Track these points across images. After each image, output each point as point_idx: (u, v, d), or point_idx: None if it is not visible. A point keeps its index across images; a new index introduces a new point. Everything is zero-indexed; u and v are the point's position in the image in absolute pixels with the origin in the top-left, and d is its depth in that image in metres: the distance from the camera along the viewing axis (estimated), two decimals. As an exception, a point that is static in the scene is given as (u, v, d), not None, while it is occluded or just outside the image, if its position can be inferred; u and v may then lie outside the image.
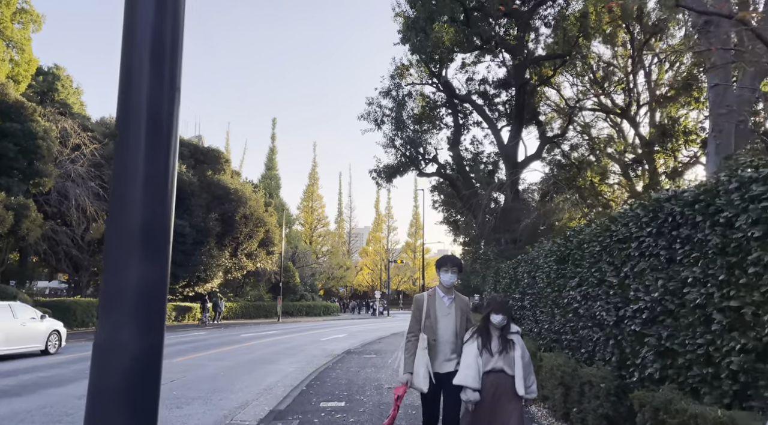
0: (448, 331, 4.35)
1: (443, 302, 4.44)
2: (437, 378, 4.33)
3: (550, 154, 23.01)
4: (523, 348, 4.20)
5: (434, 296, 4.49)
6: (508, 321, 4.20)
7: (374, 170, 19.51)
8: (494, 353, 4.12)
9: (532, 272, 8.15)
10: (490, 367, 4.09)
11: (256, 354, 15.82)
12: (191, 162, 34.71)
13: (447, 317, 4.39)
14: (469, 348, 4.22)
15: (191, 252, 32.02)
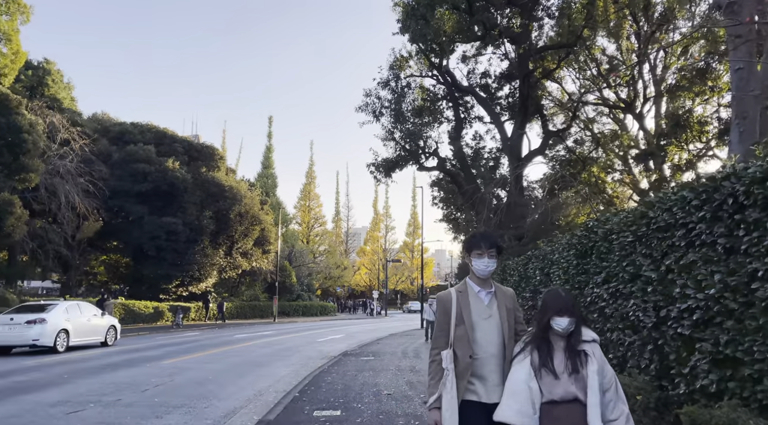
0: (493, 341, 2.94)
1: (480, 299, 3.04)
2: (485, 411, 2.84)
3: (554, 150, 22.36)
4: (602, 362, 2.73)
5: (465, 293, 3.06)
6: (577, 324, 2.76)
7: (372, 163, 18.78)
8: (560, 373, 2.70)
9: (545, 268, 7.47)
10: (557, 395, 2.66)
11: (249, 356, 15.11)
12: (185, 159, 33.95)
13: (488, 321, 2.98)
14: (518, 367, 2.80)
15: (184, 251, 31.29)
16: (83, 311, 16.85)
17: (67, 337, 15.61)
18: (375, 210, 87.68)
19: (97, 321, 17.20)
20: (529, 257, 8.47)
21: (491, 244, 3.02)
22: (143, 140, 32.15)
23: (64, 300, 19.63)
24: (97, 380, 10.41)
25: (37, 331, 14.78)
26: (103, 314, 17.88)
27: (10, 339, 14.73)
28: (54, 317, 15.45)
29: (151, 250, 30.44)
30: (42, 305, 16.60)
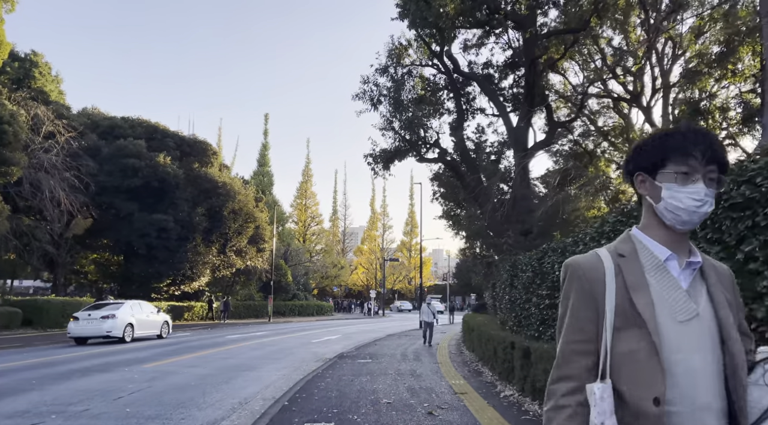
0: (706, 372, 1.27)
1: (670, 277, 1.35)
2: None
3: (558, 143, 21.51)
4: None
5: (635, 261, 1.37)
6: None
7: (370, 154, 17.85)
8: None
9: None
10: None
11: (239, 359, 14.21)
12: (177, 154, 32.99)
13: (692, 327, 1.30)
14: None
15: (176, 249, 30.34)
16: (143, 309, 20.49)
17: (132, 330, 18.98)
18: (372, 209, 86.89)
19: (154, 317, 20.81)
20: (545, 251, 7.58)
21: (713, 155, 1.35)
22: (134, 134, 31.19)
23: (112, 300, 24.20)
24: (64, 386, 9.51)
25: (109, 325, 18.09)
26: (159, 311, 21.21)
27: (88, 331, 17.99)
28: (122, 313, 18.82)
29: (142, 248, 29.49)
30: (113, 303, 20.16)
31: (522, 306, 8.58)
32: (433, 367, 12.11)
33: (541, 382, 6.85)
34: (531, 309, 8.00)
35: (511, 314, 9.46)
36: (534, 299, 7.79)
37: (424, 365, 12.59)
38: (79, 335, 18.00)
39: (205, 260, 32.93)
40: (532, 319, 8.01)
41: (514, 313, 9.14)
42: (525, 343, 7.65)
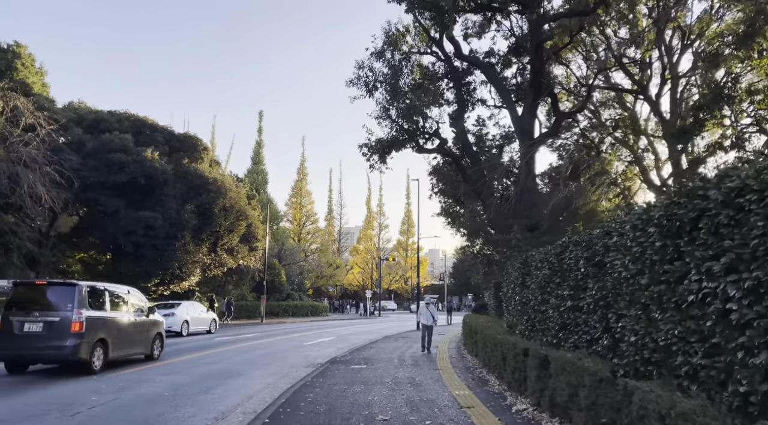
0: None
1: None
2: None
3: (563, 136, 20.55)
4: None
5: None
6: None
7: (365, 144, 16.70)
8: None
9: (595, 257, 5.59)
10: None
11: (224, 364, 13.16)
12: (166, 149, 31.80)
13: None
14: None
15: (164, 247, 29.19)
16: (196, 308, 24.50)
17: (188, 326, 22.09)
18: (368, 208, 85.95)
19: (205, 315, 24.33)
20: (565, 245, 6.58)
21: None
22: (120, 128, 30.01)
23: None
24: (21, 399, 8.43)
25: (170, 321, 20.70)
26: (207, 310, 24.33)
27: None
28: (180, 311, 22.70)
29: (128, 246, 28.33)
30: (172, 303, 24.10)
31: (536, 308, 7.57)
32: (434, 374, 11.11)
33: (563, 397, 5.85)
34: (548, 312, 6.99)
35: (522, 317, 8.45)
36: (552, 300, 6.79)
37: (424, 371, 11.59)
38: None
39: (195, 259, 31.79)
40: (549, 323, 7.01)
41: (526, 316, 8.13)
42: (541, 351, 6.65)
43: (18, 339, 10.60)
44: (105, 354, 11.43)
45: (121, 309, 12.48)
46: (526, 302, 8.16)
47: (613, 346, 5.12)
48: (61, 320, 10.67)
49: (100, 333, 11.23)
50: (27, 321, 10.75)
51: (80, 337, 10.66)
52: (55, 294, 11.29)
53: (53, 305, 11.04)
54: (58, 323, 10.65)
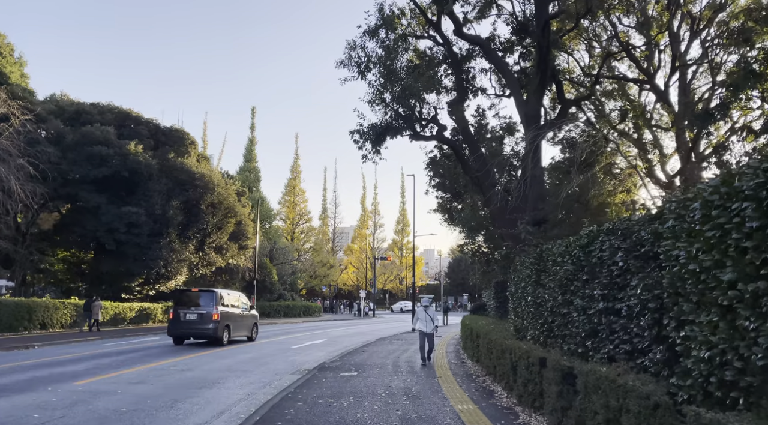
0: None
1: None
2: None
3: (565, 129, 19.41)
4: None
5: None
6: None
7: (356, 130, 15.39)
8: None
9: (638, 247, 4.43)
10: None
11: (200, 371, 11.95)
12: (150, 143, 30.56)
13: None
14: None
15: (148, 245, 27.93)
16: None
17: None
18: (363, 207, 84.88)
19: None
20: (593, 235, 5.42)
21: None
22: (103, 121, 28.75)
23: None
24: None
25: None
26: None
27: None
28: None
29: (110, 244, 27.03)
30: None
31: (555, 311, 6.42)
32: (432, 383, 9.95)
33: (596, 421, 4.70)
34: (572, 315, 5.84)
35: (537, 321, 7.30)
36: (577, 301, 5.63)
37: (421, 380, 10.42)
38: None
39: (181, 258, 30.50)
40: (573, 328, 5.85)
41: (542, 319, 6.98)
42: (564, 362, 5.50)
43: (182, 323, 17.83)
44: (229, 333, 18.37)
45: (236, 306, 19.56)
46: (542, 303, 7.00)
47: (669, 361, 3.96)
48: (207, 312, 17.68)
49: (227, 321, 18.24)
50: (187, 313, 17.85)
51: (217, 323, 17.62)
52: (202, 296, 18.35)
53: (201, 303, 18.03)
54: (205, 314, 17.66)
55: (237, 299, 19.98)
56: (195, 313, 17.74)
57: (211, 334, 17.48)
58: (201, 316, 17.62)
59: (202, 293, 18.50)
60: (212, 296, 18.07)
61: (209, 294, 18.26)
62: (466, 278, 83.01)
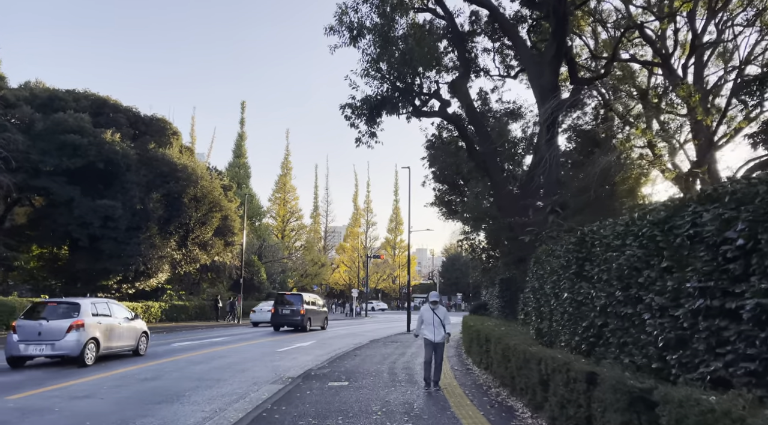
0: None
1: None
2: None
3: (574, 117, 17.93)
4: None
5: None
6: None
7: (348, 104, 13.64)
8: None
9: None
10: None
11: (164, 380, 10.30)
12: (130, 132, 28.75)
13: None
14: None
15: (125, 241, 26.13)
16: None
17: None
18: (355, 205, 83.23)
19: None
20: (678, 205, 3.86)
21: None
22: (77, 108, 26.88)
23: None
24: None
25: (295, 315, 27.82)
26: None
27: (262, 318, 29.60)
28: None
29: (83, 239, 25.21)
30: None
31: (611, 311, 4.85)
32: (437, 397, 8.37)
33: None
34: (642, 317, 4.27)
35: (576, 323, 5.75)
36: (652, 298, 4.06)
37: (424, 392, 8.85)
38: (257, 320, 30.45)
39: (162, 254, 28.71)
40: (641, 335, 4.30)
41: (586, 321, 5.41)
42: (632, 382, 3.94)
43: (280, 316, 24.95)
44: (310, 324, 25.38)
45: (315, 305, 26.94)
46: (585, 301, 5.44)
47: None
48: (296, 309, 24.81)
49: (309, 315, 25.31)
50: (283, 309, 25.01)
51: (303, 317, 24.71)
52: (293, 298, 25.72)
53: (292, 303, 25.23)
54: (295, 310, 24.76)
55: (315, 300, 27.59)
56: (288, 309, 25.04)
57: (299, 323, 24.81)
58: (292, 311, 24.96)
59: (293, 296, 26.26)
60: (299, 298, 25.62)
61: (297, 296, 26.01)
62: (460, 278, 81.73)
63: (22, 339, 11.72)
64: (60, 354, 11.81)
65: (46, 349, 11.70)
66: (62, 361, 12.41)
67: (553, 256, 6.54)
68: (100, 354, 12.49)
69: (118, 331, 13.33)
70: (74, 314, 12.22)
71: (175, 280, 35.76)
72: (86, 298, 14.48)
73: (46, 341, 11.73)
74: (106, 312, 13.25)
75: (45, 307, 12.59)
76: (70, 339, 11.76)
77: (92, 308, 12.81)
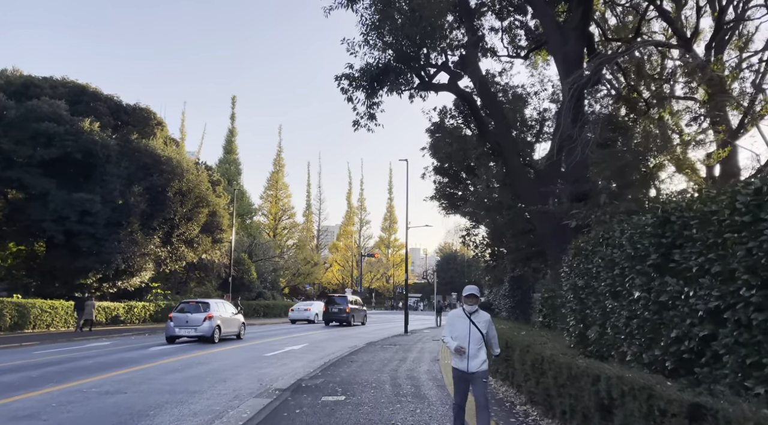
0: None
1: None
2: None
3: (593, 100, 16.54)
4: None
5: None
6: None
7: (345, 75, 11.99)
8: None
9: None
10: None
11: (129, 393, 8.76)
12: (110, 122, 27.11)
13: None
14: None
15: (105, 237, 24.51)
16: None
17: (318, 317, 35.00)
18: (349, 203, 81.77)
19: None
20: None
21: None
22: (54, 95, 25.24)
23: None
24: None
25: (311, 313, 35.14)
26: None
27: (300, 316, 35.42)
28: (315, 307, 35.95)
29: (58, 236, 23.56)
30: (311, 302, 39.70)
31: (728, 319, 3.40)
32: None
33: None
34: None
35: (646, 333, 4.29)
36: None
37: (436, 409, 7.40)
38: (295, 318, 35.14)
39: (145, 251, 27.10)
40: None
41: (675, 331, 3.95)
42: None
43: (331, 313, 30.56)
44: (353, 320, 30.48)
45: (357, 304, 32.70)
46: (674, 304, 3.99)
47: None
48: (343, 307, 30.35)
49: (353, 313, 30.64)
50: (332, 307, 30.73)
51: (348, 314, 30.14)
52: (340, 299, 31.51)
53: (340, 303, 30.81)
54: (342, 308, 30.29)
55: (357, 300, 33.56)
56: (337, 308, 30.55)
57: (345, 319, 30.16)
58: (340, 309, 30.35)
59: (340, 298, 32.08)
60: (345, 299, 31.47)
61: (343, 298, 31.92)
62: (455, 277, 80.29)
63: (176, 325, 18.21)
64: (198, 335, 18.16)
65: (191, 331, 18.13)
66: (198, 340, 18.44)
67: (611, 244, 5.11)
68: (221, 336, 18.91)
69: (228, 321, 19.78)
70: (206, 309, 18.67)
71: (161, 279, 34.13)
72: (211, 299, 21.33)
73: (191, 326, 18.15)
74: (222, 309, 19.88)
75: (188, 305, 19.40)
76: (205, 325, 18.24)
77: (215, 306, 19.36)
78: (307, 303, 37.98)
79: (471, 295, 5.39)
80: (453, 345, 5.33)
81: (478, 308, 5.47)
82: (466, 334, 5.32)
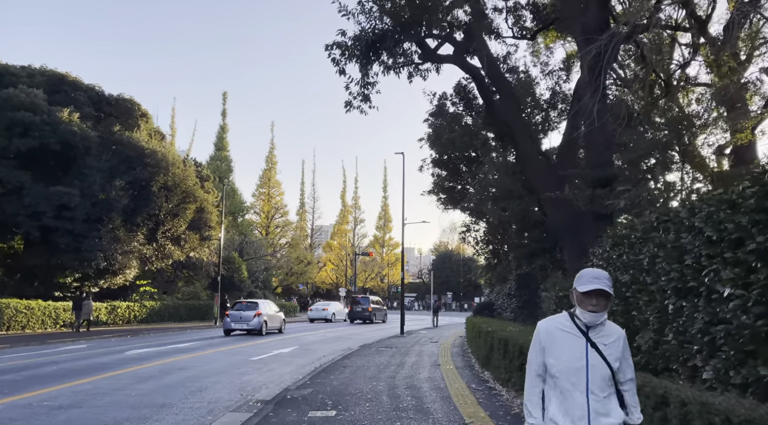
0: None
1: None
2: None
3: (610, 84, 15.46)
4: None
5: None
6: None
7: (337, 43, 10.68)
8: None
9: None
10: None
11: (80, 411, 7.55)
12: (92, 113, 25.79)
13: None
14: None
15: (84, 233, 23.21)
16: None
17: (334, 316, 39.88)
18: (343, 202, 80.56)
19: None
20: None
21: None
22: (32, 84, 23.94)
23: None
24: None
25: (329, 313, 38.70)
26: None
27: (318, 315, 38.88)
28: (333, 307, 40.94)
29: (33, 232, 22.25)
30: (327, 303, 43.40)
31: None
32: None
33: None
34: None
35: (732, 344, 3.14)
36: None
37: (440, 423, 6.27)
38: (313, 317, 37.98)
39: (128, 249, 25.81)
40: None
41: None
42: None
43: (355, 312, 35.60)
44: (375, 318, 35.58)
45: (378, 304, 38.18)
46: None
47: None
48: (365, 306, 35.47)
49: (375, 312, 35.76)
50: (356, 306, 35.92)
51: (370, 313, 35.19)
52: (362, 300, 36.74)
53: (362, 303, 36.07)
54: (365, 307, 35.41)
55: (378, 300, 38.23)
56: (360, 307, 34.89)
57: (368, 317, 34.26)
58: (363, 309, 34.63)
59: (363, 298, 36.39)
60: (368, 299, 35.95)
61: (366, 298, 36.33)
62: (450, 276, 79.35)
63: (231, 320, 21.97)
64: (250, 329, 21.78)
65: (243, 326, 21.81)
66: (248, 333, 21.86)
67: (675, 229, 3.98)
68: (267, 330, 22.46)
69: (272, 317, 23.50)
70: (256, 308, 22.48)
71: (148, 278, 32.83)
72: (259, 299, 26.23)
73: (244, 321, 21.85)
74: (268, 307, 23.79)
75: (241, 304, 23.05)
76: (255, 321, 21.85)
77: (263, 305, 23.17)
78: (324, 303, 42.15)
79: (598, 293, 2.37)
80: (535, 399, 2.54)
81: (606, 318, 2.47)
82: (581, 368, 2.43)
